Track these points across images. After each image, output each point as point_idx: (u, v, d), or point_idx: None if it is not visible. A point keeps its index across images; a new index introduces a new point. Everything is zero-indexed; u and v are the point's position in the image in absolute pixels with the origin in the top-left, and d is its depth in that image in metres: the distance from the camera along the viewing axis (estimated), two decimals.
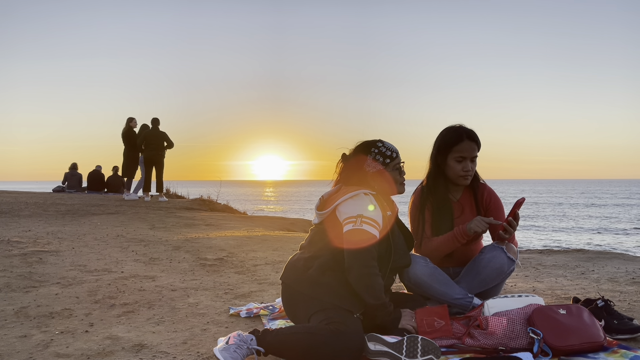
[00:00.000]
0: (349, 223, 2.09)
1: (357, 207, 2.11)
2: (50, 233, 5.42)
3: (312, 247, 2.22)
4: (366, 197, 2.15)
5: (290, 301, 2.18)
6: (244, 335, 1.91)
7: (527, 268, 3.88)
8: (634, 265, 3.92)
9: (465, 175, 2.52)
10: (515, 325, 2.00)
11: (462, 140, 2.49)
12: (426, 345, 1.83)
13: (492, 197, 2.62)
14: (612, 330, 2.14)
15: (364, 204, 2.12)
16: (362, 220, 2.08)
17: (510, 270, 2.46)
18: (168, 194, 12.38)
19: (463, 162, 2.51)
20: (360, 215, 2.09)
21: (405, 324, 2.11)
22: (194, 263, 4.05)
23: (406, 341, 1.85)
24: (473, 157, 2.51)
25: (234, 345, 1.85)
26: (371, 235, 2.07)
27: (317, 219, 2.27)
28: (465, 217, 2.57)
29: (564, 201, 42.72)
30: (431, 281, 2.40)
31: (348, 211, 2.12)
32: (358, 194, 2.15)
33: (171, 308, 2.75)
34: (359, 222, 2.07)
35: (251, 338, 1.91)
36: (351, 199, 2.15)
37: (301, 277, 2.15)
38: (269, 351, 1.92)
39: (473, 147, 2.50)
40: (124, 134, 10.34)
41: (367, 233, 2.07)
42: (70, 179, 13.87)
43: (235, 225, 7.06)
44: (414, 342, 1.84)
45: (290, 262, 2.25)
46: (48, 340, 2.23)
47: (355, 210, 2.11)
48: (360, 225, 2.07)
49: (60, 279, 3.40)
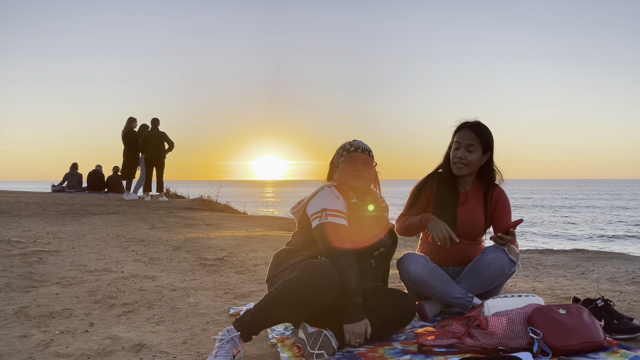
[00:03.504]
0: (315, 219, 2.18)
1: (320, 202, 2.21)
2: (50, 233, 5.42)
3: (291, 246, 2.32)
4: (329, 189, 2.25)
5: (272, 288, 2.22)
6: (227, 328, 1.93)
7: (527, 268, 3.88)
8: (634, 265, 3.92)
9: (457, 162, 2.55)
10: (515, 325, 2.00)
11: (462, 128, 2.57)
12: (325, 342, 1.91)
13: (501, 198, 2.63)
14: (612, 330, 2.14)
15: (326, 197, 2.21)
16: (326, 213, 2.16)
17: (512, 271, 2.47)
18: (168, 194, 12.38)
19: (459, 150, 2.55)
20: (324, 209, 2.17)
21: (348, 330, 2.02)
22: (194, 263, 4.05)
23: (316, 334, 1.93)
24: (468, 145, 2.53)
25: (216, 348, 1.87)
26: (339, 225, 2.14)
27: (295, 220, 2.38)
28: (466, 207, 2.58)
29: (564, 203, 42.73)
30: (431, 280, 2.40)
31: (313, 207, 2.22)
32: (322, 188, 2.26)
33: (171, 308, 2.75)
34: (324, 215, 2.15)
35: (228, 329, 1.92)
36: (315, 195, 2.25)
37: (274, 263, 2.26)
38: (253, 328, 1.93)
39: (470, 135, 2.53)
40: (125, 135, 10.35)
41: (334, 225, 2.13)
42: (70, 179, 13.89)
43: (235, 225, 7.06)
44: (319, 337, 1.92)
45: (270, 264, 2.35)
46: (48, 340, 2.24)
47: (319, 205, 2.20)
48: (326, 218, 2.15)
49: (60, 278, 3.40)
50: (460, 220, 2.56)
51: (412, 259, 2.43)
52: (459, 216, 2.56)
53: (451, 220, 2.54)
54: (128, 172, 10.54)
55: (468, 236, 2.60)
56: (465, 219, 2.57)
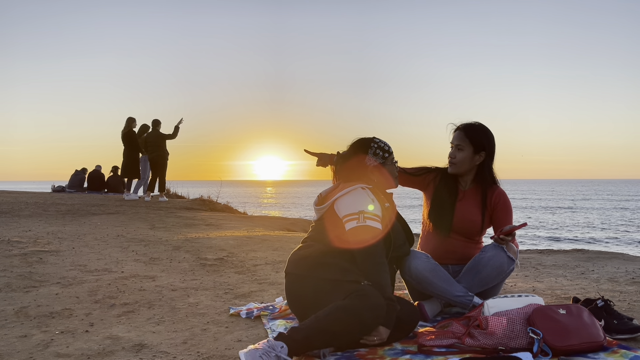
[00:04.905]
0: (351, 220, 2.10)
1: (356, 204, 2.12)
2: (50, 233, 5.42)
3: (312, 240, 2.25)
4: (363, 191, 2.17)
5: (295, 288, 2.18)
6: (273, 341, 1.81)
7: (527, 268, 3.88)
8: (634, 265, 3.92)
9: (449, 160, 2.66)
10: (515, 325, 2.00)
11: (455, 130, 2.66)
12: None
13: (501, 199, 2.65)
14: (612, 330, 2.14)
15: (363, 199, 2.13)
16: (364, 216, 2.08)
17: (510, 269, 2.48)
18: (168, 194, 12.38)
19: (452, 149, 2.65)
20: (361, 211, 2.09)
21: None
22: (194, 263, 4.05)
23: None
24: (457, 145, 2.62)
25: (261, 351, 1.75)
26: (377, 230, 2.10)
27: (316, 215, 2.29)
28: (463, 204, 2.63)
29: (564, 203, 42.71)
30: (432, 277, 2.41)
31: (348, 208, 2.13)
32: (355, 189, 2.17)
33: (171, 308, 2.75)
34: (361, 218, 2.08)
35: (281, 345, 1.80)
36: (349, 195, 2.16)
37: (303, 263, 2.17)
38: (301, 350, 1.86)
39: (460, 136, 2.62)
40: (124, 135, 10.36)
41: (372, 229, 2.08)
42: (72, 179, 13.96)
43: (235, 225, 7.06)
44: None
45: (291, 256, 2.27)
46: (48, 340, 2.24)
47: (356, 206, 2.11)
48: (364, 221, 2.08)
49: (60, 278, 3.40)
50: (457, 217, 2.61)
51: (414, 256, 2.44)
52: (455, 212, 2.61)
53: (449, 215, 2.61)
54: (128, 172, 10.54)
55: (465, 234, 2.62)
56: (461, 215, 2.61)
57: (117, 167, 13.02)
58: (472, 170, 2.66)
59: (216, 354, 2.05)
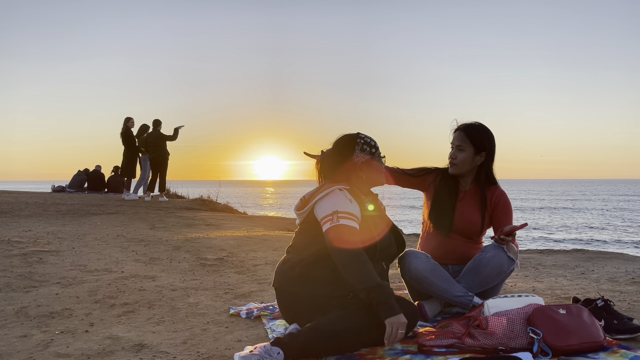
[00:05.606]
0: (326, 222, 2.09)
1: (331, 204, 2.12)
2: (50, 233, 5.42)
3: (296, 249, 2.24)
4: (341, 192, 2.16)
5: (286, 304, 2.20)
6: (270, 347, 1.81)
7: (527, 268, 3.88)
8: (634, 265, 3.92)
9: (450, 161, 2.66)
10: (515, 325, 2.00)
11: (455, 130, 2.66)
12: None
13: (501, 199, 2.65)
14: (612, 330, 2.14)
15: (339, 200, 2.13)
16: (338, 216, 2.08)
17: (510, 269, 2.48)
18: (168, 194, 12.38)
19: (452, 150, 2.65)
20: (335, 211, 2.09)
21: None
22: (194, 263, 4.05)
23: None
24: (458, 145, 2.62)
25: (257, 356, 1.76)
26: (351, 228, 2.07)
27: (298, 220, 2.28)
28: (463, 204, 2.63)
29: (564, 203, 42.70)
30: (432, 277, 2.40)
31: (324, 210, 2.13)
32: (332, 191, 2.16)
33: (171, 308, 2.75)
34: (335, 218, 2.07)
35: (278, 351, 1.80)
36: (326, 197, 2.15)
37: (290, 278, 2.17)
38: (297, 357, 1.85)
39: (461, 137, 2.62)
40: (122, 135, 10.39)
41: (346, 227, 2.06)
42: (74, 179, 13.99)
43: (235, 225, 7.06)
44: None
45: (278, 267, 2.27)
46: (48, 340, 2.24)
47: (330, 207, 2.11)
48: (338, 221, 2.07)
49: (60, 278, 3.40)
50: (457, 217, 2.62)
51: (414, 255, 2.44)
52: (456, 213, 2.62)
53: (449, 215, 2.61)
54: (127, 172, 10.56)
55: (465, 234, 2.63)
56: (461, 215, 2.62)
57: (118, 167, 13.04)
58: (473, 171, 2.66)
59: (216, 354, 2.05)
